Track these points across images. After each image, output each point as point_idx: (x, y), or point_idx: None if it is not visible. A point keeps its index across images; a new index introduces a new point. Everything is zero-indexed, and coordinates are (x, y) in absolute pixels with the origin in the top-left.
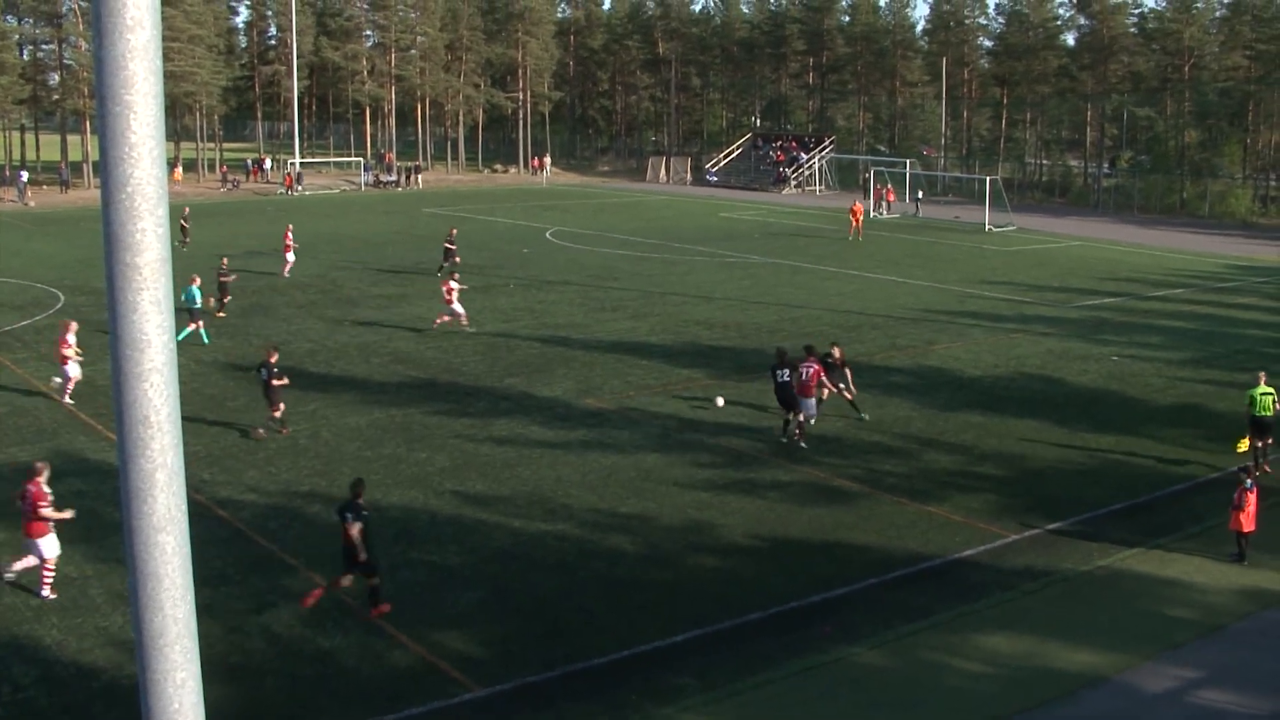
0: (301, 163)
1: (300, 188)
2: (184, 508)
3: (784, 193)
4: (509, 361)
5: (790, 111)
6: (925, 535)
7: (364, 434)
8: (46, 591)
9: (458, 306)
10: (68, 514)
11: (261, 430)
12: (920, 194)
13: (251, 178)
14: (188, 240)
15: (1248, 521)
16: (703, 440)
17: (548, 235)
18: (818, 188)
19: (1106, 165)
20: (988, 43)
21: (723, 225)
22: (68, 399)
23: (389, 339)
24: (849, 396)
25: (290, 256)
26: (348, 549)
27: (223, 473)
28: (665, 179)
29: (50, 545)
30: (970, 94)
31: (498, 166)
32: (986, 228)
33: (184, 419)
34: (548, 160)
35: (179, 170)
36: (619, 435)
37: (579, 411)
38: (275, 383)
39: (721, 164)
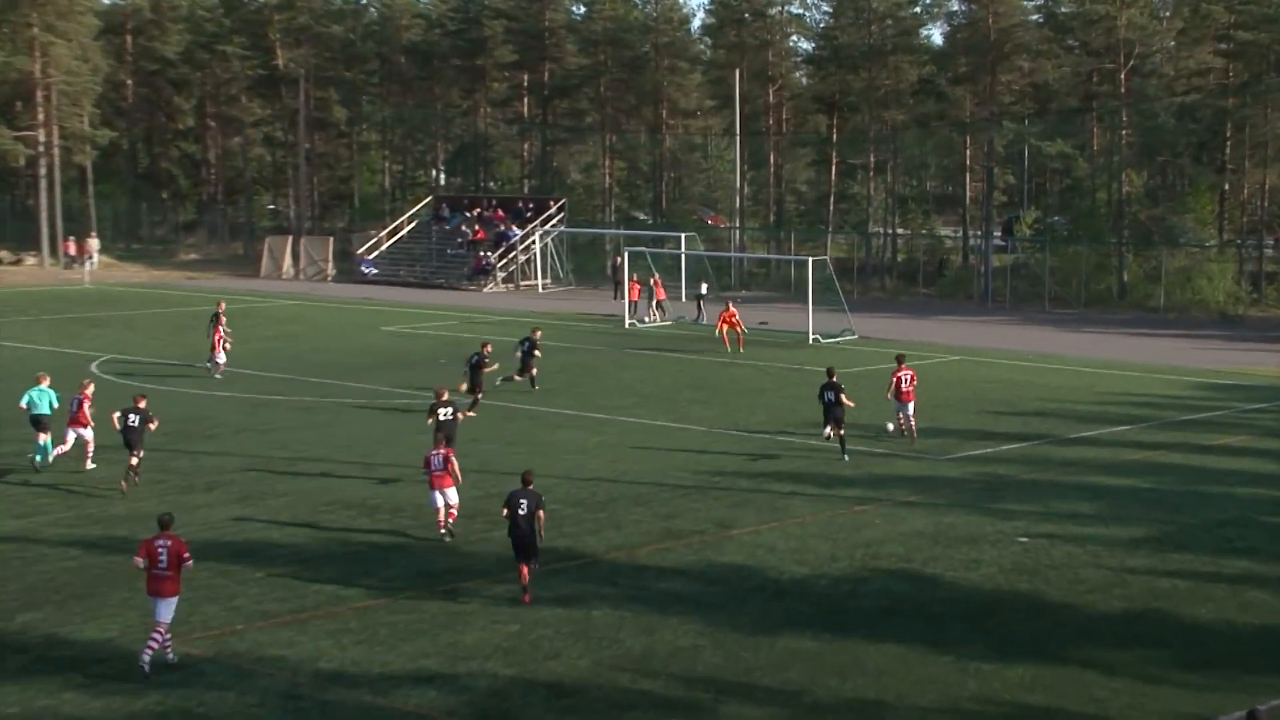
0: None
1: None
2: None
3: (488, 290)
4: (25, 584)
5: (495, 161)
6: None
7: None
8: (149, 656)
9: None
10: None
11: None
12: (704, 288)
13: None
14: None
15: None
16: (361, 700)
17: (94, 368)
18: (540, 281)
19: (999, 234)
20: (805, 45)
21: (388, 346)
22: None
23: None
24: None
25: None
26: (526, 539)
27: None
28: (293, 272)
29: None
30: (781, 127)
31: (3, 254)
32: (811, 338)
33: None
34: (94, 244)
35: None
36: (219, 700)
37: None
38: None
39: (384, 247)
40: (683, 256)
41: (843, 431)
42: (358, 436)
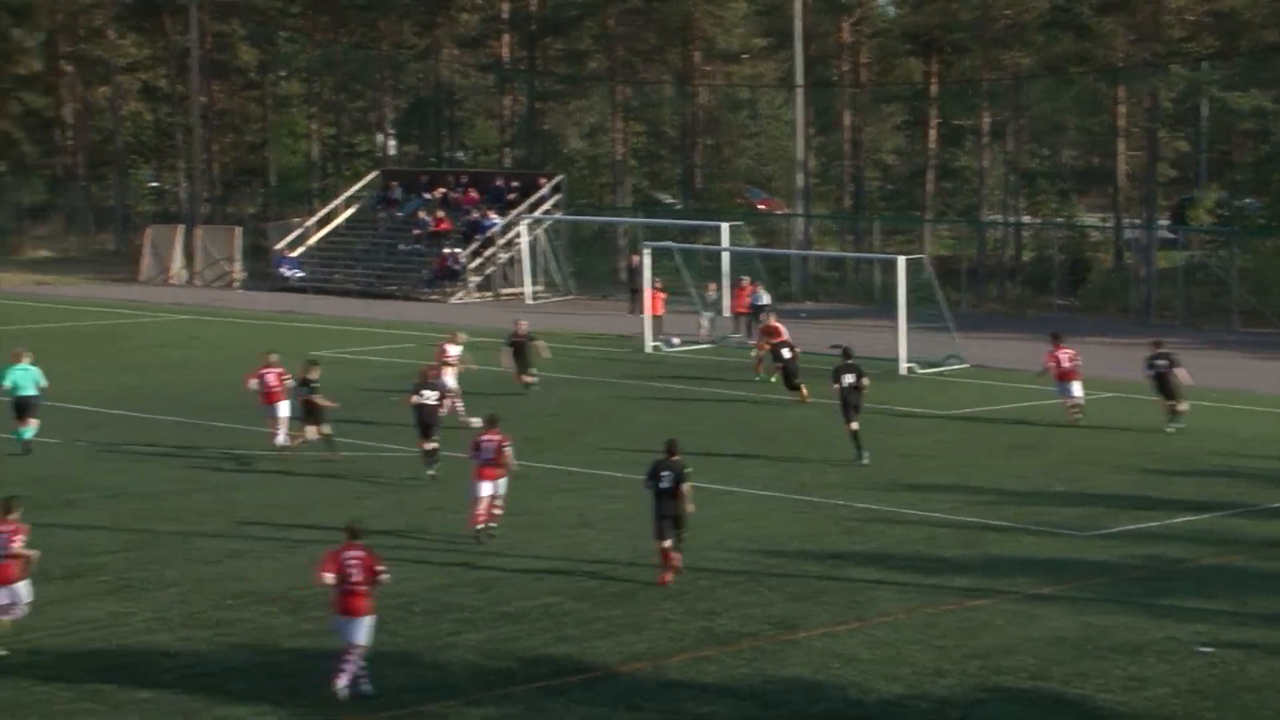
0: None
1: None
2: None
3: (456, 300)
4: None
5: (465, 123)
6: None
7: None
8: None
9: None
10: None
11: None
12: (765, 297)
13: None
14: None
15: None
16: None
17: None
18: (528, 287)
19: (1165, 222)
20: None
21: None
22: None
23: None
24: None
25: (282, 411)
26: (672, 514)
27: None
28: (186, 276)
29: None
30: (859, 75)
31: None
32: (903, 368)
33: None
34: None
35: None
36: None
37: None
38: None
39: (312, 242)
40: (724, 255)
41: (858, 426)
42: (275, 502)
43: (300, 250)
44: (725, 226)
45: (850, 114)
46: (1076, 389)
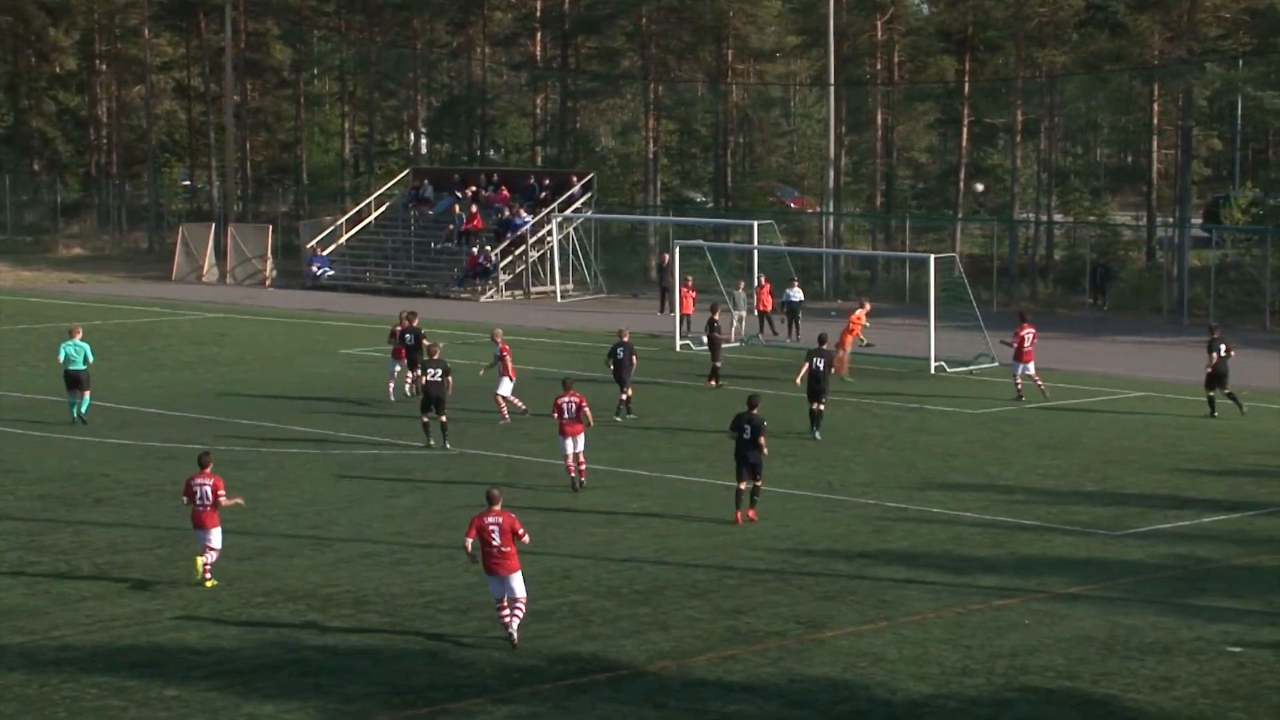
0: None
1: None
2: None
3: (487, 298)
4: None
5: (497, 121)
6: None
7: None
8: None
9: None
10: None
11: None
12: (799, 294)
13: None
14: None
15: None
16: None
17: None
18: (559, 286)
19: (1198, 221)
20: None
21: (349, 377)
22: None
23: None
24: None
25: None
26: (751, 461)
27: None
28: (218, 274)
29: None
30: (892, 73)
31: None
32: (933, 366)
33: None
34: None
35: None
36: None
37: None
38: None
39: (343, 240)
40: (755, 254)
41: (822, 406)
42: (306, 500)
43: (331, 248)
44: (756, 225)
45: (882, 112)
46: (1030, 368)
